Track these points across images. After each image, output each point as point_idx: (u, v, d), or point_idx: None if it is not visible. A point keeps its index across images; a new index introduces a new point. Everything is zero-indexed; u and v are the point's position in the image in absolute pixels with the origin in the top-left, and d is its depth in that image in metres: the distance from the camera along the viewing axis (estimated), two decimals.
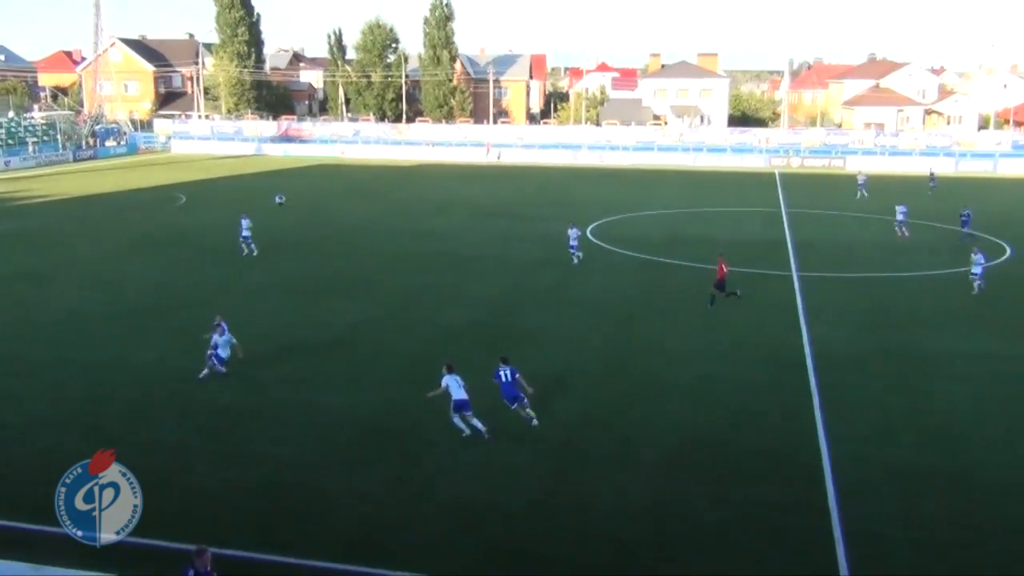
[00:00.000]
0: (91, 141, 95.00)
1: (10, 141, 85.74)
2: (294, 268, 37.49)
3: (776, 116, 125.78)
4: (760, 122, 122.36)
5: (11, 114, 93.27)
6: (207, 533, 15.44)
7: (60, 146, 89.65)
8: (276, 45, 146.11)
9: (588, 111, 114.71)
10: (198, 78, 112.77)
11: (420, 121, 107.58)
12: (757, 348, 26.32)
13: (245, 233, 39.69)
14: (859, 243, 43.91)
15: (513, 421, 20.34)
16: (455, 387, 19.37)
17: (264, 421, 20.68)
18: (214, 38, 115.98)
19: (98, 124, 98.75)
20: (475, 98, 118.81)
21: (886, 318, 29.81)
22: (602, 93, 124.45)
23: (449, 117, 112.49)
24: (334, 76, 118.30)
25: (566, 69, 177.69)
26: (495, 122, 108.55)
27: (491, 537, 15.72)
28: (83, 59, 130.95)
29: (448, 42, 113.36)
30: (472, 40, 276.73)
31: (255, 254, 39.25)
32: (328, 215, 52.76)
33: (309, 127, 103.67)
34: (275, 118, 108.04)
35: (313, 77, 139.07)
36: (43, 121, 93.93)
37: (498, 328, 28.61)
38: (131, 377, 23.62)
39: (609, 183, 71.25)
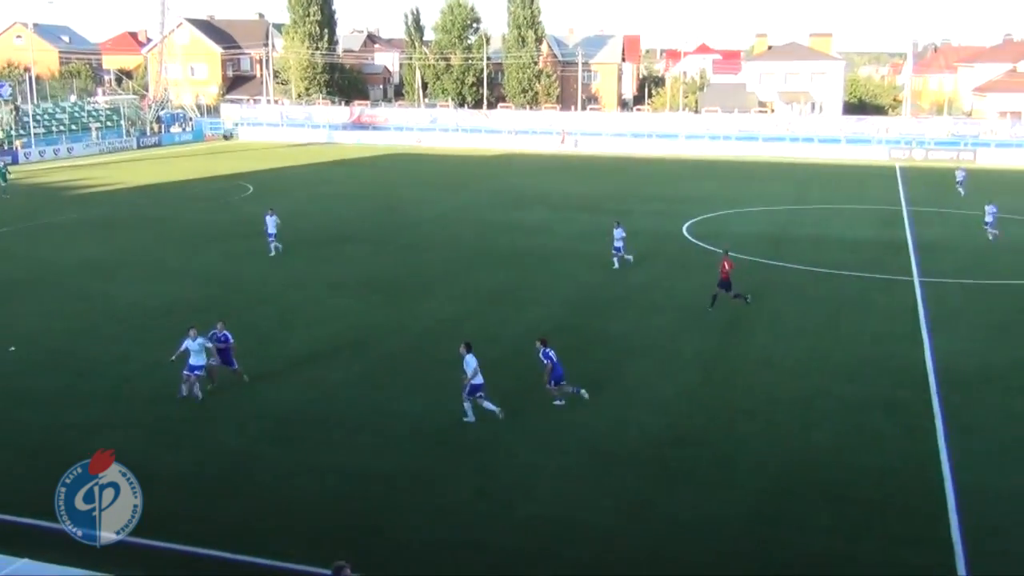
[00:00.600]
0: (156, 127, 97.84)
1: (73, 127, 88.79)
2: (368, 263, 38.03)
3: (897, 103, 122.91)
4: (879, 110, 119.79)
5: (73, 98, 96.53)
6: (273, 546, 15.81)
7: (124, 132, 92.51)
8: (350, 26, 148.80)
9: (686, 97, 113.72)
10: (267, 61, 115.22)
11: (502, 107, 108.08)
12: (873, 361, 25.76)
13: (272, 231, 39.31)
14: (991, 246, 42.63)
15: (597, 433, 20.32)
16: (476, 368, 20.87)
17: (334, 428, 21.02)
18: (285, 18, 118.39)
19: (163, 109, 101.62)
20: (562, 82, 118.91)
21: (1021, 329, 28.90)
22: (702, 77, 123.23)
23: (534, 103, 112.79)
24: (411, 59, 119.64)
25: (662, 51, 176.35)
26: (583, 108, 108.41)
27: (573, 559, 15.69)
28: (148, 40, 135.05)
29: (534, 22, 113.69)
30: (560, 19, 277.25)
31: (277, 254, 38.97)
32: (404, 207, 53.38)
33: (383, 113, 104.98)
34: (347, 103, 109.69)
35: (388, 60, 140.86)
36: (107, 106, 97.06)
37: (583, 332, 28.57)
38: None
39: (708, 176, 70.57)
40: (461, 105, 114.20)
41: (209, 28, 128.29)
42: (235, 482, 18.28)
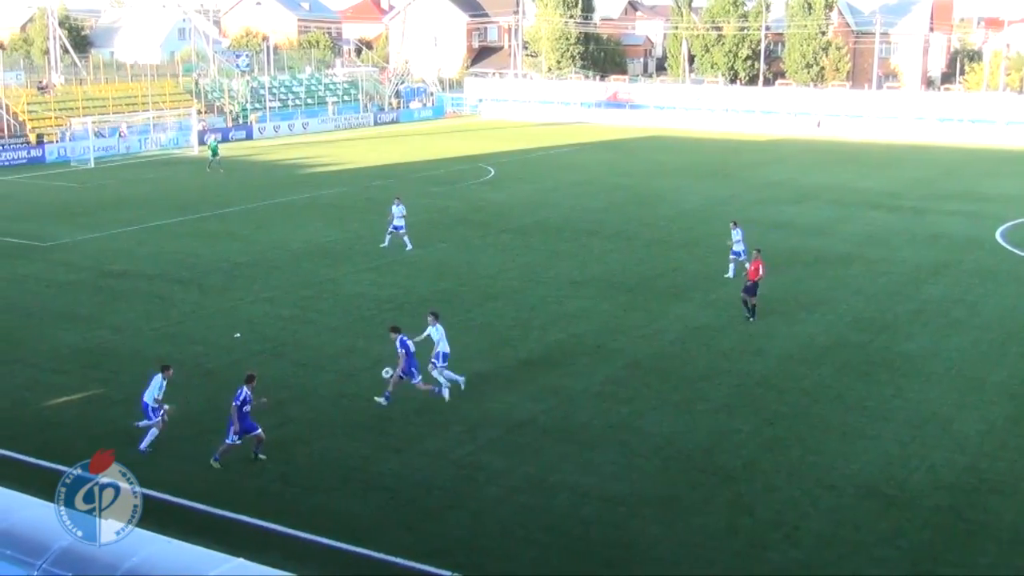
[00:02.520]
0: (394, 102, 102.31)
1: (309, 100, 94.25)
2: (615, 260, 38.21)
3: None
4: None
5: (310, 70, 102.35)
6: (491, 567, 16.19)
7: (361, 107, 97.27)
8: None
9: (1009, 75, 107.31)
10: (517, 30, 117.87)
11: (780, 84, 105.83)
12: None
13: (397, 222, 39.40)
14: None
15: (874, 470, 19.59)
16: (441, 338, 22.48)
17: (570, 442, 21.28)
18: None
19: (403, 83, 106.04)
20: (854, 56, 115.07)
21: None
22: None
23: (819, 79, 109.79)
24: (676, 28, 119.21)
25: (980, 19, 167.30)
26: (879, 86, 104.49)
27: None
28: (391, 8, 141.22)
29: None
30: None
31: (409, 249, 39.09)
32: (659, 198, 53.30)
33: (643, 90, 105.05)
34: (603, 78, 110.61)
35: (651, 30, 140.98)
36: (345, 79, 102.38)
37: (867, 351, 27.61)
38: (422, 375, 25.11)
39: None
40: (732, 81, 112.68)
41: None
42: (456, 494, 18.85)
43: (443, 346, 23.27)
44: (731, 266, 35.37)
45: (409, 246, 39.21)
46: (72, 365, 25.52)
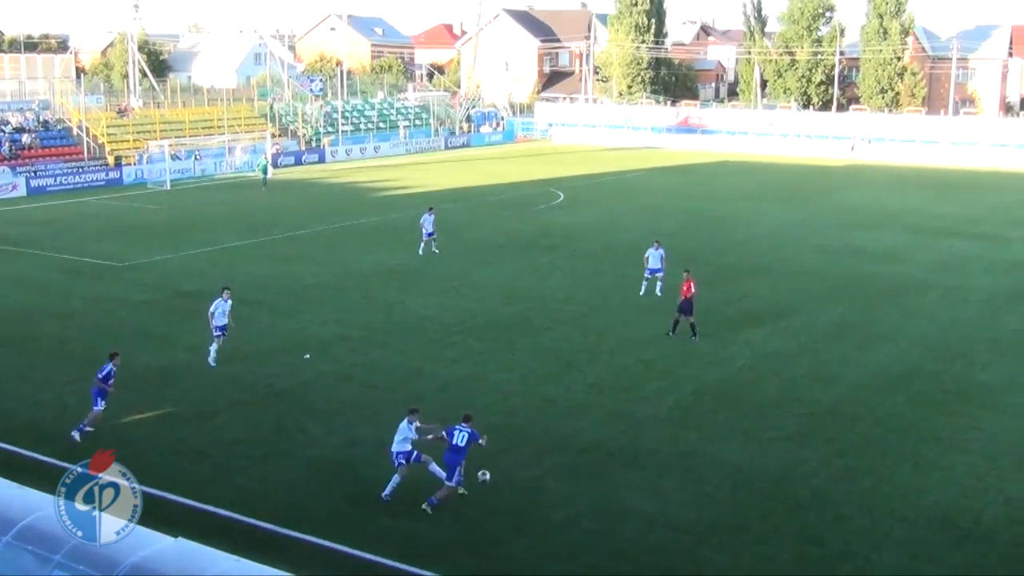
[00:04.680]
0: (465, 127, 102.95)
1: (382, 124, 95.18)
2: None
3: None
4: None
5: (382, 94, 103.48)
6: None
7: (432, 131, 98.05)
8: (682, 16, 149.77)
9: None
10: (588, 55, 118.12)
11: (855, 109, 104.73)
12: None
13: (430, 230, 42.99)
14: None
15: (949, 501, 19.18)
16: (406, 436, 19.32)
17: (637, 468, 21.15)
18: (610, 8, 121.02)
19: (474, 107, 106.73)
20: (930, 82, 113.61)
21: None
22: None
23: (894, 105, 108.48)
24: (749, 53, 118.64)
25: None
26: (956, 112, 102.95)
27: None
28: (463, 33, 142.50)
29: (900, 9, 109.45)
30: (932, 6, 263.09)
31: (429, 254, 42.64)
32: (730, 223, 52.94)
33: (714, 115, 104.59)
34: (674, 103, 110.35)
35: (723, 54, 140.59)
36: (416, 103, 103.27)
37: (941, 380, 27.13)
38: (489, 398, 25.18)
39: None
40: (806, 106, 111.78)
41: (527, 19, 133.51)
42: (521, 517, 18.80)
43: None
44: (643, 284, 35.77)
45: (423, 252, 42.86)
46: (146, 384, 25.91)
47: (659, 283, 35.81)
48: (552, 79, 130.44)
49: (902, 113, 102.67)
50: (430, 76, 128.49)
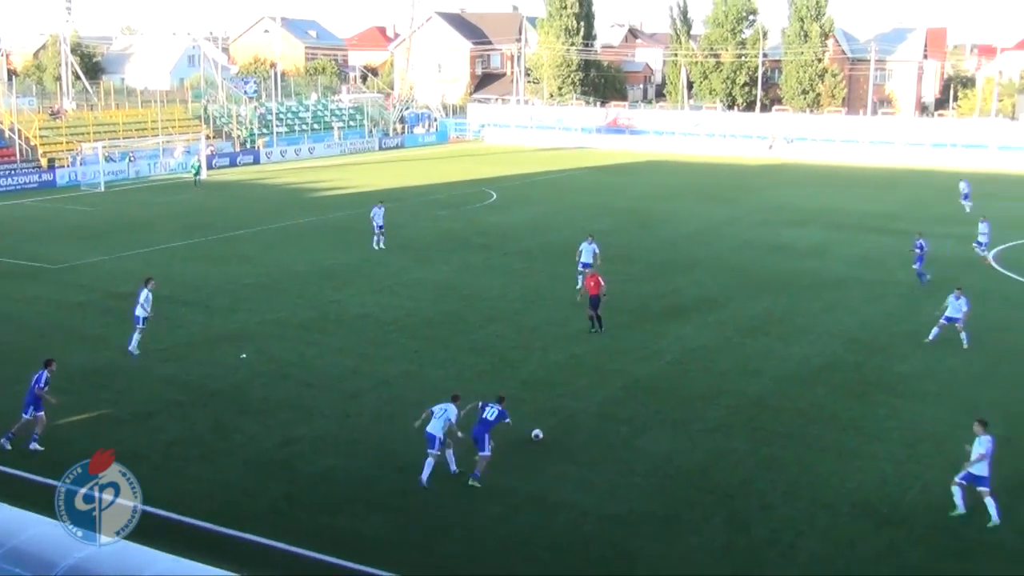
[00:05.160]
0: (399, 128, 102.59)
1: (316, 126, 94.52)
2: (614, 282, 38.14)
3: None
4: None
5: (315, 96, 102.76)
6: None
7: (366, 132, 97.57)
8: (610, 19, 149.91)
9: (1001, 100, 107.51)
10: (520, 57, 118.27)
11: (777, 110, 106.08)
12: None
13: (380, 223, 44.05)
14: None
15: (869, 488, 19.56)
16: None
17: (570, 461, 21.28)
18: (541, 11, 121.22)
19: (407, 109, 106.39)
20: (850, 83, 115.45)
21: None
22: (1022, 77, 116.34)
23: (815, 105, 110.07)
24: (676, 55, 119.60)
25: (973, 46, 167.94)
26: (874, 112, 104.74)
27: None
28: (397, 36, 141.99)
29: (820, 13, 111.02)
30: (851, 10, 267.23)
31: (382, 247, 43.74)
32: (658, 222, 53.39)
33: (642, 116, 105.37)
34: (603, 104, 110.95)
35: (651, 57, 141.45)
36: (350, 105, 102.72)
37: (864, 371, 27.63)
38: (425, 395, 25.08)
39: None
40: (731, 107, 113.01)
41: (459, 22, 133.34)
42: (459, 512, 18.84)
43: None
44: (579, 278, 35.76)
45: (383, 246, 43.87)
46: (81, 385, 25.52)
47: (580, 277, 35.98)
48: (484, 81, 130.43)
49: (823, 113, 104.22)
50: (364, 78, 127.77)
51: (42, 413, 21.60)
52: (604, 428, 23.17)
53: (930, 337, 29.89)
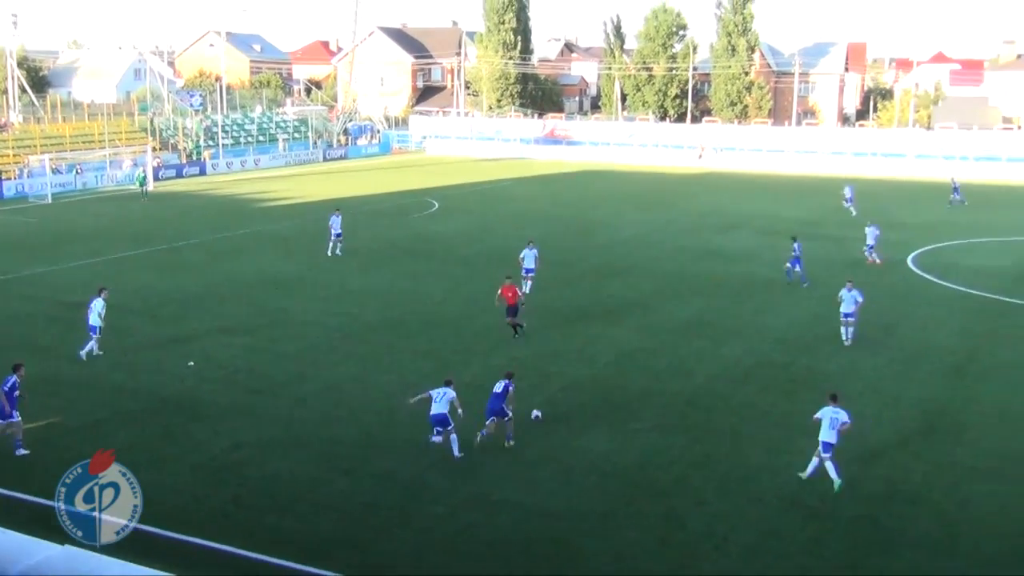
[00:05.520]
0: (343, 139, 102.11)
1: (261, 138, 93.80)
2: (553, 287, 38.31)
3: None
4: None
5: (260, 109, 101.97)
6: None
7: (311, 144, 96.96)
8: (547, 34, 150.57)
9: (917, 111, 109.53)
10: (460, 71, 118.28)
11: (707, 121, 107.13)
12: None
13: (338, 231, 44.04)
14: None
15: (797, 483, 19.79)
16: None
17: (512, 462, 21.28)
18: (480, 26, 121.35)
19: (351, 121, 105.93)
20: (775, 95, 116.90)
21: None
22: (937, 90, 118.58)
23: (743, 116, 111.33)
24: (610, 69, 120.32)
25: (891, 60, 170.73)
26: (799, 123, 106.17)
27: None
28: (340, 50, 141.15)
29: (746, 29, 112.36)
30: (775, 26, 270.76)
31: (338, 254, 43.79)
32: (595, 228, 53.64)
33: (578, 127, 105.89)
34: (541, 116, 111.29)
35: (586, 70, 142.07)
36: (295, 117, 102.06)
37: (791, 370, 27.98)
38: (369, 400, 25.07)
39: (940, 201, 67.57)
40: (663, 119, 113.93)
41: (401, 36, 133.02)
42: (403, 512, 18.76)
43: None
44: (526, 284, 35.97)
45: (340, 253, 43.86)
46: (30, 394, 24.96)
47: (530, 283, 36.10)
48: (425, 93, 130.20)
49: (750, 124, 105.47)
50: (308, 91, 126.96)
51: (18, 418, 21.09)
52: (544, 429, 23.19)
53: (846, 341, 30.32)
